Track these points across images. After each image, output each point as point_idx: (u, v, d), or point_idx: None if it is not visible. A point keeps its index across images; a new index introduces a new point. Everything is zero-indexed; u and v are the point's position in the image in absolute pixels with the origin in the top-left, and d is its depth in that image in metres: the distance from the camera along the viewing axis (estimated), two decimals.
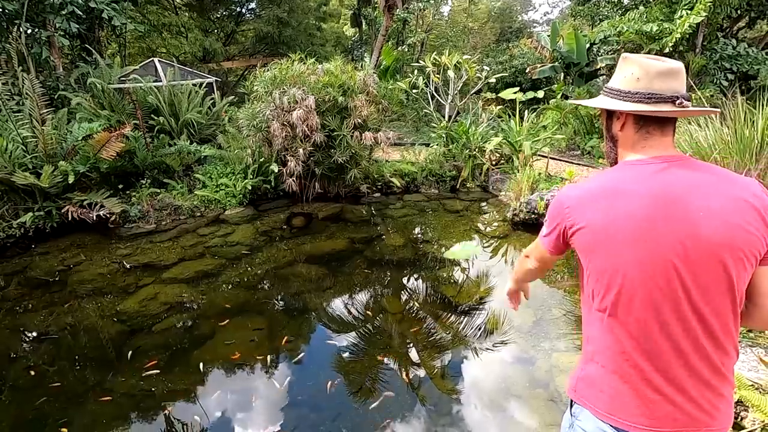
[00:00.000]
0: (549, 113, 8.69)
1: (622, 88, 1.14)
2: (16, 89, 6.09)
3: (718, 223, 1.00)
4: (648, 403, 1.06)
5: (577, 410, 1.22)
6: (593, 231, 1.09)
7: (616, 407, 1.10)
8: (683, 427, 1.06)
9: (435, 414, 2.74)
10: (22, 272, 4.61)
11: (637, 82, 1.11)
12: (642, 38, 8.57)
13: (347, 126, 6.08)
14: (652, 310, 1.03)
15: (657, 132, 1.13)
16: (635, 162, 1.13)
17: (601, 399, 1.13)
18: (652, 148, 1.13)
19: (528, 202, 5.35)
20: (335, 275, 4.53)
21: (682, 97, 1.09)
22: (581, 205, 1.12)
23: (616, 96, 1.15)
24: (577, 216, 1.12)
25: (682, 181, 1.05)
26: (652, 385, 1.06)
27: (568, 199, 1.17)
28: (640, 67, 1.12)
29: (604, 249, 1.08)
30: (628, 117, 1.15)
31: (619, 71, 1.17)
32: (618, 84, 1.16)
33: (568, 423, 1.26)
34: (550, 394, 2.85)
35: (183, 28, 11.25)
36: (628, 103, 1.12)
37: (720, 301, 1.03)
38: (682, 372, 1.04)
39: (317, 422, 2.70)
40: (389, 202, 6.68)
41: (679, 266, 1.01)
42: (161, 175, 6.23)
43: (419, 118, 10.32)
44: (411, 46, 14.24)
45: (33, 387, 3.01)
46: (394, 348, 3.40)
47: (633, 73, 1.13)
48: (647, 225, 1.02)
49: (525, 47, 13.13)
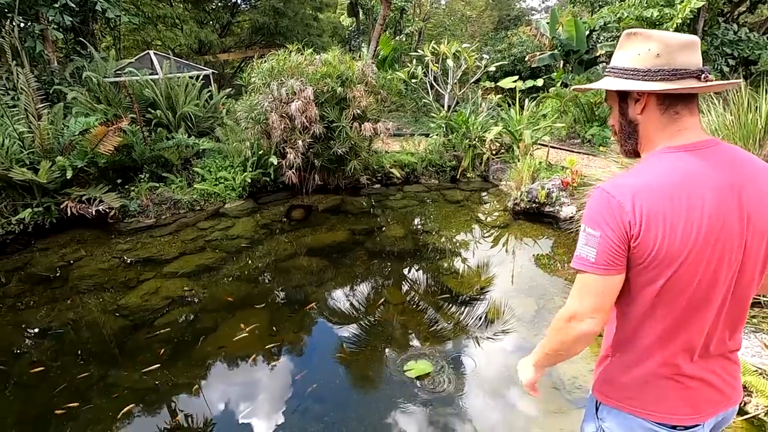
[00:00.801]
0: (549, 101, 8.62)
1: (638, 66, 1.03)
2: (10, 84, 6.03)
3: None
4: (689, 391, 1.06)
5: (604, 412, 1.16)
6: (671, 237, 0.95)
7: (655, 402, 1.07)
8: (717, 406, 1.08)
9: (438, 403, 2.75)
10: (23, 269, 4.60)
11: (656, 58, 1.00)
12: (642, 24, 8.47)
13: (346, 117, 6.03)
14: (704, 303, 1.01)
15: (686, 112, 1.03)
16: (679, 149, 1.01)
17: (637, 397, 1.09)
18: (687, 130, 1.03)
19: (529, 191, 5.33)
20: (336, 267, 4.52)
21: (706, 71, 0.99)
22: (651, 207, 0.95)
23: (632, 76, 1.03)
24: (646, 220, 0.95)
25: (742, 168, 0.99)
26: (692, 372, 1.05)
27: (624, 197, 0.97)
28: (659, 41, 1.00)
29: (681, 256, 0.96)
30: (650, 98, 1.03)
31: (628, 49, 1.06)
32: (632, 62, 1.04)
33: (594, 427, 1.20)
34: (552, 382, 2.86)
35: (178, 19, 11.10)
36: (650, 82, 1.01)
37: (752, 282, 1.04)
38: (718, 354, 1.06)
39: (321, 413, 2.71)
40: (389, 193, 6.66)
41: (739, 257, 0.99)
42: (160, 169, 6.19)
43: (418, 108, 10.25)
44: (409, 35, 14.09)
45: (37, 383, 3.01)
46: (397, 338, 3.40)
47: (650, 49, 1.01)
48: (723, 222, 0.96)
49: (524, 35, 13.01)
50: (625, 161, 3.68)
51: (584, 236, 1.03)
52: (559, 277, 4.15)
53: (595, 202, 1.02)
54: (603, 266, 1.00)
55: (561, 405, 2.70)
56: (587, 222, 1.03)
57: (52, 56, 6.92)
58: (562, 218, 5.14)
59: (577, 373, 2.86)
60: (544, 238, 5.00)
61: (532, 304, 3.68)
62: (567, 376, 2.84)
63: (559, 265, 4.39)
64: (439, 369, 3.02)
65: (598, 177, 4.17)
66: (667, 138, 1.04)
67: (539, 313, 3.57)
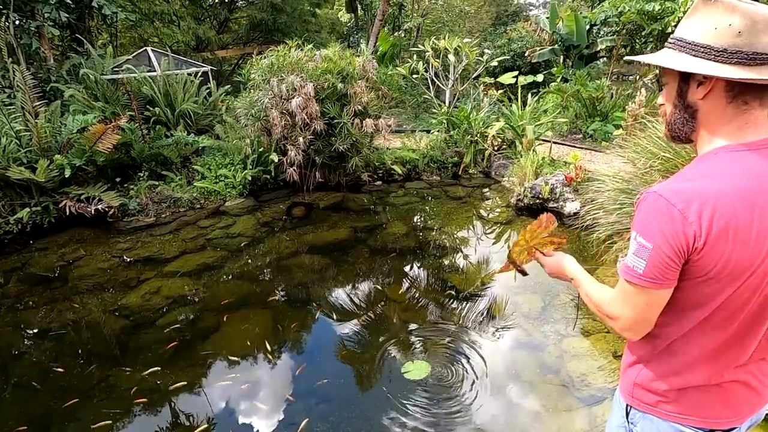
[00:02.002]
0: (550, 97, 8.58)
1: (712, 43, 0.87)
2: (6, 82, 5.95)
3: None
4: (728, 395, 1.02)
5: (637, 416, 1.11)
6: (741, 251, 0.85)
7: (694, 408, 1.02)
8: (755, 406, 1.04)
9: (445, 401, 2.71)
10: (22, 269, 4.55)
11: (737, 36, 0.85)
12: (643, 18, 8.43)
13: (347, 113, 5.98)
14: (761, 318, 0.94)
15: (756, 104, 0.89)
16: (749, 147, 0.88)
17: (675, 402, 1.03)
18: (756, 125, 0.89)
19: (533, 187, 5.29)
20: (338, 265, 4.48)
21: None
22: (720, 218, 0.84)
23: (702, 54, 0.88)
24: (715, 232, 0.84)
25: None
26: (733, 377, 1.01)
27: (688, 206, 0.84)
28: (745, 16, 0.84)
29: (748, 272, 0.87)
30: (717, 83, 0.88)
31: (703, 18, 0.89)
32: (704, 37, 0.88)
33: (624, 431, 1.15)
34: (561, 380, 2.83)
35: (175, 16, 11.00)
36: (723, 65, 0.86)
37: None
38: (759, 358, 1.01)
39: (327, 412, 2.67)
40: (391, 190, 6.61)
41: None
42: (159, 167, 6.13)
43: (418, 104, 10.19)
44: (407, 31, 14.01)
45: (38, 384, 2.97)
46: (401, 336, 3.36)
47: (732, 24, 0.85)
48: None
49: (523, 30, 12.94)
50: (631, 156, 3.64)
51: (635, 245, 0.91)
52: None
53: (650, 208, 0.89)
54: (651, 279, 0.90)
55: (570, 403, 2.67)
56: (639, 230, 0.90)
57: (48, 53, 6.84)
58: (566, 214, 5.10)
59: (586, 370, 2.82)
60: None
61: (538, 300, 3.64)
62: (576, 374, 2.81)
63: None
64: (442, 368, 2.98)
65: (603, 172, 4.13)
66: (731, 133, 0.91)
67: (546, 309, 3.54)
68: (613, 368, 2.84)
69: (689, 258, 0.88)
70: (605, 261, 3.82)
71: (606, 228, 3.65)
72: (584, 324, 3.32)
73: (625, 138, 4.00)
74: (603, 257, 3.81)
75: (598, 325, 3.26)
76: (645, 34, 8.78)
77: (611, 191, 3.66)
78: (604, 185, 3.80)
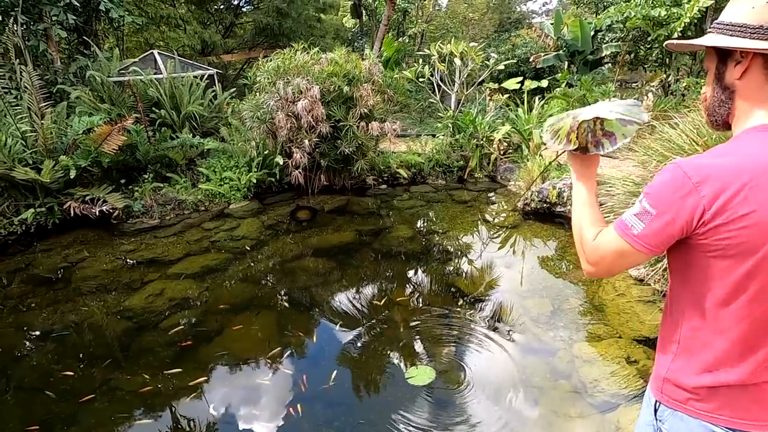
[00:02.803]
0: (555, 102, 8.55)
1: (748, 21, 0.89)
2: (14, 83, 5.96)
3: None
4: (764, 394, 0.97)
5: (666, 413, 1.07)
6: (753, 228, 0.84)
7: (728, 407, 0.98)
8: None
9: (451, 407, 2.65)
10: (25, 269, 4.51)
11: None
12: (648, 24, 8.42)
13: (353, 116, 5.96)
14: None
15: None
16: None
17: (707, 400, 0.99)
18: None
19: (540, 191, 5.24)
20: (342, 268, 4.43)
21: None
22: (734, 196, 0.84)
23: (738, 32, 0.90)
24: (731, 208, 0.84)
25: None
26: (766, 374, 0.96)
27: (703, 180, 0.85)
28: None
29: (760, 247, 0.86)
30: (755, 60, 0.89)
31: (743, 1, 0.92)
32: (742, 17, 0.90)
33: (653, 428, 1.11)
34: (573, 385, 2.76)
35: (181, 20, 11.07)
36: (759, 41, 0.87)
37: None
38: None
39: (331, 418, 2.61)
40: (396, 194, 6.58)
41: None
42: (164, 170, 6.11)
43: (423, 109, 10.19)
44: (411, 37, 14.06)
45: (40, 386, 2.92)
46: (406, 340, 3.31)
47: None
48: None
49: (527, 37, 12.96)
50: (642, 159, 3.59)
51: (639, 206, 0.93)
52: (573, 278, 4.05)
53: (666, 177, 0.90)
54: (642, 244, 0.93)
55: (582, 409, 2.61)
56: (648, 195, 0.92)
57: (55, 55, 6.86)
58: None
59: (599, 375, 2.76)
60: (555, 239, 4.91)
61: (547, 304, 3.58)
62: (588, 379, 2.75)
63: (572, 266, 4.29)
64: (450, 373, 2.92)
65: (612, 176, 4.09)
66: (763, 110, 0.91)
67: (555, 313, 3.48)
68: (626, 373, 2.78)
69: (696, 231, 0.88)
70: None
71: None
72: (595, 329, 3.26)
73: (635, 140, 3.95)
74: None
75: (610, 330, 3.20)
76: (650, 40, 8.76)
77: (621, 194, 3.61)
78: (614, 189, 3.76)
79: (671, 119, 3.72)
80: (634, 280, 3.76)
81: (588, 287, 3.85)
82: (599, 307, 3.53)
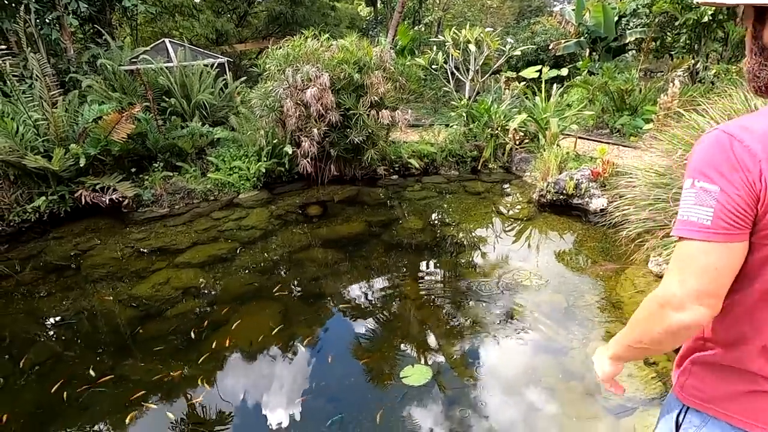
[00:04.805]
0: (575, 90, 8.24)
1: None
2: (28, 72, 6.00)
3: None
4: None
5: (692, 415, 0.97)
6: None
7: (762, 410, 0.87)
8: None
9: (461, 406, 2.54)
10: (38, 257, 4.56)
11: None
12: (677, 8, 8.00)
13: (363, 104, 5.82)
14: None
15: None
16: None
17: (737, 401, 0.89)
18: None
19: (556, 182, 5.04)
20: (352, 260, 4.34)
21: None
22: None
23: None
24: None
25: None
26: None
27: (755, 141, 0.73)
28: None
29: None
30: None
31: None
32: None
33: None
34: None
35: (195, 9, 11.04)
36: None
37: None
38: None
39: (337, 412, 2.53)
40: (407, 185, 6.44)
41: None
42: (174, 158, 6.10)
43: (437, 98, 9.97)
44: (428, 25, 13.76)
45: (49, 371, 2.93)
46: (415, 335, 3.20)
47: None
48: None
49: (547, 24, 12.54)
50: (667, 147, 3.38)
51: (692, 194, 0.78)
52: (590, 273, 3.87)
53: (711, 146, 0.77)
54: (724, 231, 0.74)
55: (596, 411, 2.47)
56: (697, 174, 0.77)
57: (68, 44, 6.88)
58: (591, 211, 4.85)
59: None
60: (572, 232, 4.71)
61: (561, 300, 3.42)
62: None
63: (590, 260, 4.11)
64: (453, 373, 2.81)
65: (633, 165, 3.87)
66: None
67: (569, 310, 3.32)
68: (644, 375, 2.62)
69: (758, 207, 0.73)
70: (635, 260, 3.57)
71: (636, 225, 3.40)
72: (612, 327, 3.09)
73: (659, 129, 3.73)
74: (633, 256, 3.57)
75: None
76: (678, 25, 8.33)
77: (643, 185, 3.41)
78: (636, 179, 3.55)
79: (699, 106, 3.48)
80: (655, 276, 3.56)
81: (606, 283, 3.67)
82: (617, 304, 3.36)
